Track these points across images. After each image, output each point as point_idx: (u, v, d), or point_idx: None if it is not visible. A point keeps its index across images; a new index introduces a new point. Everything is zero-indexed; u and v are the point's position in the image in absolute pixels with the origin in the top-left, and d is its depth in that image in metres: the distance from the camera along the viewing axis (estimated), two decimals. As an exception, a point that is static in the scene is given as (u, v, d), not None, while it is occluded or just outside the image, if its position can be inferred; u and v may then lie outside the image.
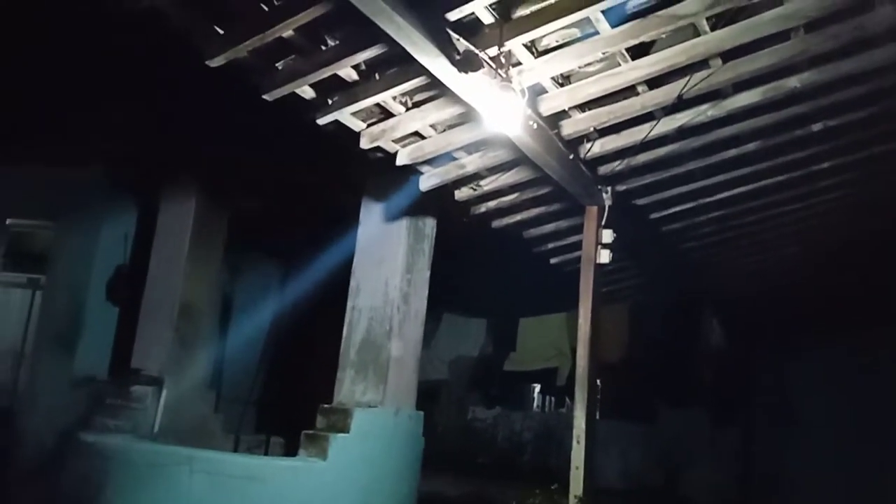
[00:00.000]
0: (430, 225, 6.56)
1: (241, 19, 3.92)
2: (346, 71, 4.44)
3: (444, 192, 5.93)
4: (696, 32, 4.19)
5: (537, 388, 10.05)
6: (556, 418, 9.50)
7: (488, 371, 10.30)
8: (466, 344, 10.45)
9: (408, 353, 6.35)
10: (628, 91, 4.74)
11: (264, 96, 4.50)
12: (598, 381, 6.34)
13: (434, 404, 9.18)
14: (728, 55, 4.40)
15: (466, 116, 4.92)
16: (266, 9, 3.87)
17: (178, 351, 6.97)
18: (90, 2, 3.69)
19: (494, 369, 10.19)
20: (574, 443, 5.61)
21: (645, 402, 9.59)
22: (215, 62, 4.10)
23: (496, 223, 6.73)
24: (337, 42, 4.24)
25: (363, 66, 4.47)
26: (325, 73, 4.35)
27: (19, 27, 5.26)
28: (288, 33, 4.02)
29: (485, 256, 7.81)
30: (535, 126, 4.75)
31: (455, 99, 4.55)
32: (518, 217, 6.69)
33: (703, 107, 4.97)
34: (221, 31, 4.00)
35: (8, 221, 8.23)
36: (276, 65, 4.42)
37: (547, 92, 4.74)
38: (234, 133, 6.51)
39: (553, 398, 9.96)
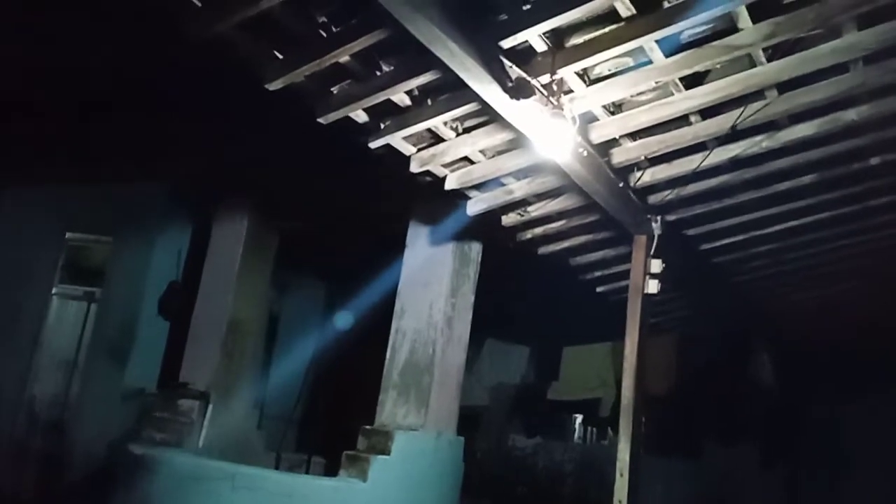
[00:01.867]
0: (475, 250, 6.59)
1: (299, 45, 4.03)
2: (400, 96, 4.52)
3: (491, 217, 5.94)
4: (752, 63, 4.15)
5: (579, 418, 9.89)
6: (598, 450, 9.32)
7: (530, 399, 10.20)
8: (508, 371, 10.39)
9: (450, 378, 6.36)
10: (681, 120, 4.71)
11: (319, 119, 4.60)
12: (643, 414, 6.23)
13: (474, 430, 9.10)
14: (784, 86, 4.35)
15: (516, 143, 4.94)
16: (324, 35, 3.97)
17: (225, 367, 7.09)
18: (160, 27, 3.83)
19: (536, 397, 10.08)
20: (617, 476, 5.50)
21: (691, 438, 9.36)
22: (274, 86, 4.21)
23: (542, 250, 6.70)
24: (391, 68, 4.32)
25: (416, 92, 4.54)
26: (378, 97, 4.43)
27: (85, 46, 5.47)
28: (344, 59, 4.11)
29: (530, 283, 7.78)
30: (585, 153, 4.75)
31: (505, 125, 4.59)
32: (565, 244, 6.66)
33: (758, 138, 4.90)
34: (281, 57, 4.11)
35: (66, 235, 8.52)
36: (332, 89, 4.52)
37: (598, 120, 4.74)
38: (287, 155, 6.65)
39: (595, 429, 9.78)
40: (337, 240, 8.14)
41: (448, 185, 5.46)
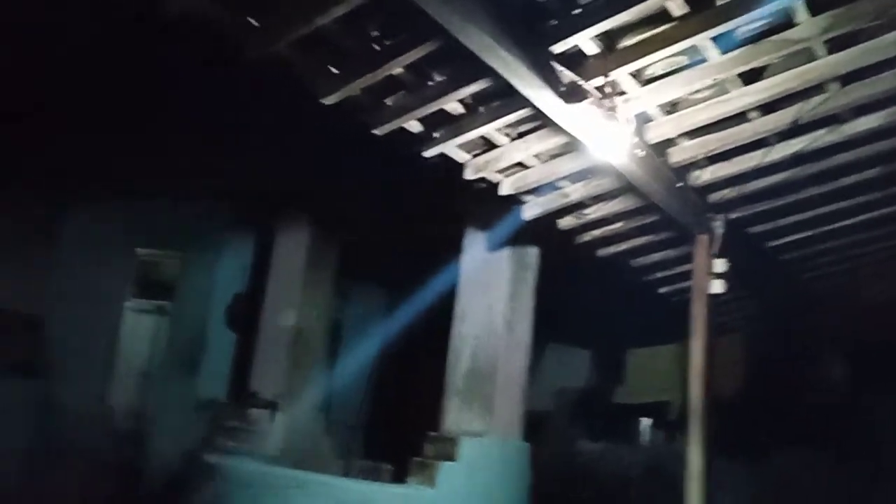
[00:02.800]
0: (533, 254, 6.57)
1: (353, 60, 4.12)
2: (452, 105, 4.56)
3: (547, 221, 5.93)
4: (811, 56, 4.04)
5: (645, 421, 9.73)
6: (666, 454, 9.16)
7: (594, 403, 10.08)
8: (571, 375, 10.30)
9: (513, 383, 6.35)
10: (739, 117, 4.62)
11: (374, 131, 4.69)
12: (712, 417, 6.11)
13: (539, 435, 9.07)
14: (846, 79, 4.22)
15: (571, 146, 4.93)
16: (377, 48, 4.05)
17: (293, 375, 7.25)
18: (219, 48, 3.97)
19: (600, 401, 9.97)
20: (687, 481, 5.41)
21: (759, 440, 9.10)
22: (329, 101, 4.31)
23: (601, 252, 6.65)
24: (443, 77, 4.37)
25: (468, 100, 4.58)
26: (431, 107, 4.49)
27: (150, 69, 5.70)
28: (397, 71, 4.18)
29: (590, 286, 7.70)
30: (642, 154, 4.70)
31: (559, 129, 4.58)
32: (624, 246, 6.59)
33: (820, 132, 4.77)
34: (335, 72, 4.21)
35: (138, 252, 8.85)
36: (385, 101, 4.60)
37: (653, 120, 4.70)
38: (344, 167, 6.78)
39: (662, 433, 9.61)
40: (395, 247, 8.24)
41: (503, 191, 5.48)
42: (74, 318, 8.63)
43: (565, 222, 6.03)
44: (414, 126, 4.75)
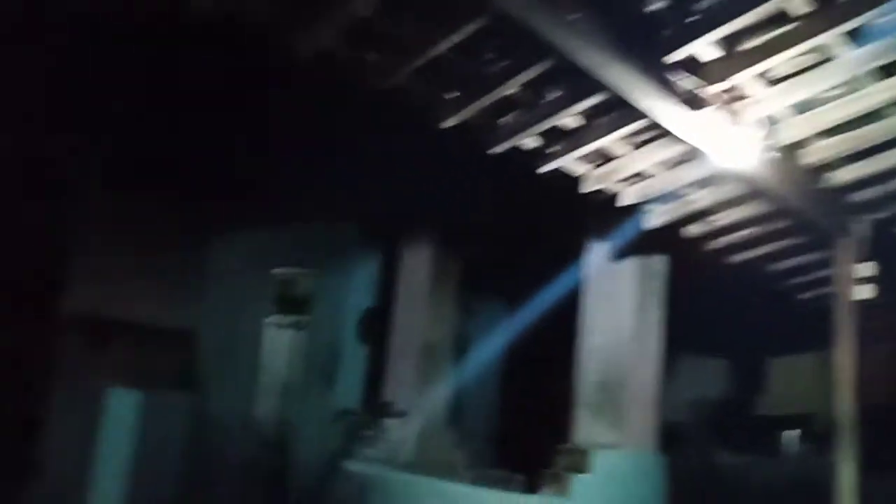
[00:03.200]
0: (659, 263, 6.40)
1: (468, 84, 4.22)
2: (568, 120, 4.56)
3: (673, 229, 5.78)
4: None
5: (789, 433, 9.20)
6: (813, 468, 8.62)
7: (732, 414, 9.64)
8: (707, 385, 9.90)
9: (645, 394, 6.23)
10: (877, 114, 4.32)
11: (490, 151, 4.77)
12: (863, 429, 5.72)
13: (674, 448, 8.79)
14: None
15: (694, 153, 4.79)
16: (491, 71, 4.13)
17: (423, 386, 7.44)
18: (341, 80, 4.19)
19: (740, 412, 9.52)
20: (837, 497, 5.09)
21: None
22: (448, 124, 4.44)
23: (733, 259, 6.38)
24: (558, 94, 4.38)
25: (584, 114, 4.56)
26: (546, 124, 4.51)
27: (286, 100, 6.09)
28: (511, 91, 4.24)
29: (722, 294, 7.40)
30: (772, 158, 4.50)
31: (680, 137, 4.48)
32: (758, 252, 6.29)
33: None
34: (452, 96, 4.33)
35: (275, 271, 9.38)
36: (500, 121, 4.67)
37: (782, 121, 4.48)
38: (463, 184, 6.90)
39: (808, 445, 9.04)
40: (515, 261, 8.28)
41: (624, 201, 5.41)
42: (221, 333, 9.29)
43: (692, 230, 5.85)
44: (530, 143, 4.79)
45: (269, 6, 3.53)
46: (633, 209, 5.52)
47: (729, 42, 3.83)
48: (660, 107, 3.98)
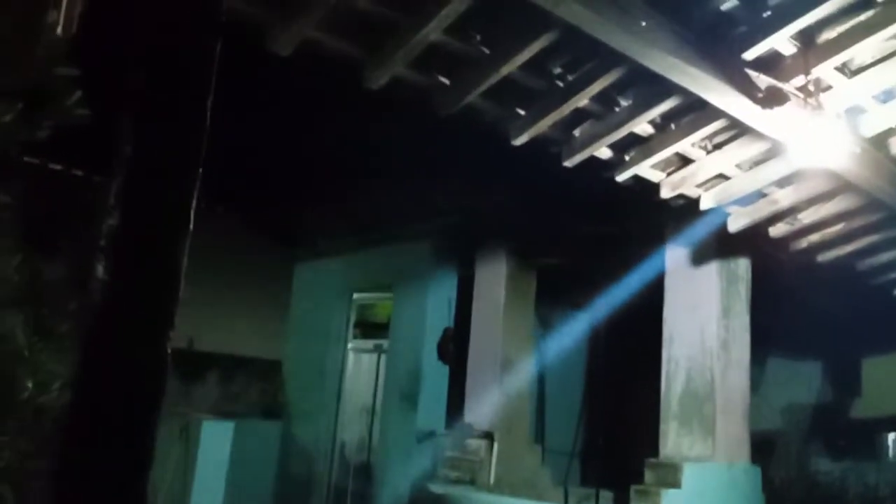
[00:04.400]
0: (743, 266, 6.24)
1: (539, 99, 4.22)
2: (642, 127, 4.51)
3: (756, 230, 5.61)
4: None
5: (890, 435, 8.74)
6: (923, 472, 8.17)
7: (829, 418, 9.23)
8: (799, 389, 9.51)
9: (734, 403, 6.04)
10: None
11: (564, 163, 4.74)
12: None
13: (768, 457, 8.47)
14: None
15: (774, 151, 4.66)
16: (561, 85, 4.12)
17: (504, 405, 7.41)
18: (414, 104, 4.26)
19: (837, 416, 9.10)
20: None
21: None
22: (519, 141, 4.44)
23: (821, 257, 6.14)
24: (631, 101, 4.34)
25: (658, 120, 4.50)
26: (621, 132, 4.47)
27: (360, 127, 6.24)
28: (583, 103, 4.22)
29: (813, 294, 7.13)
30: (859, 150, 4.33)
31: (760, 135, 4.37)
32: (848, 248, 6.04)
33: None
34: (523, 113, 4.33)
35: (354, 296, 9.55)
36: (574, 132, 4.64)
37: (867, 111, 4.31)
38: (536, 196, 6.89)
39: (916, 448, 8.57)
40: (592, 271, 8.18)
41: (704, 205, 5.28)
42: (305, 360, 9.50)
43: (777, 230, 5.66)
44: (604, 152, 4.74)
45: (345, 39, 3.61)
46: (713, 212, 5.39)
47: (807, 34, 3.72)
48: (739, 105, 3.89)
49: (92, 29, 2.10)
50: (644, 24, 3.33)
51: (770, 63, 3.88)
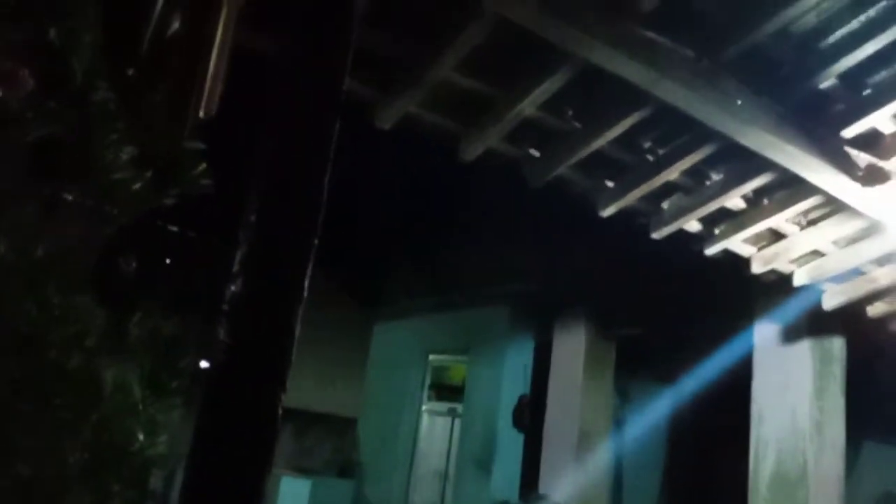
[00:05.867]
0: (838, 345, 5.98)
1: (628, 172, 4.26)
2: (734, 201, 4.47)
3: (853, 309, 5.40)
4: None
5: None
6: None
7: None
8: (897, 478, 8.93)
9: (828, 490, 5.72)
10: None
11: (652, 235, 4.73)
12: None
13: (865, 549, 7.94)
14: None
15: (873, 229, 4.52)
16: (651, 158, 4.15)
17: (581, 478, 7.22)
18: (503, 174, 4.37)
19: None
20: None
21: None
22: (607, 212, 4.47)
23: (923, 339, 5.84)
24: (721, 176, 4.33)
25: (750, 194, 4.46)
26: (711, 206, 4.44)
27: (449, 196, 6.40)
28: (673, 176, 4.23)
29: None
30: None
31: (858, 213, 4.26)
32: (951, 330, 5.74)
33: None
34: (611, 185, 4.38)
35: (429, 358, 9.60)
36: (662, 205, 4.64)
37: (976, 190, 4.16)
38: (618, 266, 6.85)
39: None
40: (675, 343, 8.00)
41: (798, 281, 5.14)
42: (380, 419, 9.53)
43: (875, 309, 5.44)
44: (693, 226, 4.71)
45: (443, 115, 3.77)
46: (807, 289, 5.24)
47: (909, 113, 3.66)
48: (836, 183, 3.83)
49: (227, 108, 2.28)
50: (740, 102, 3.35)
51: (870, 141, 3.82)
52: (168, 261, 2.55)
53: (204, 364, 2.35)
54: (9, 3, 1.70)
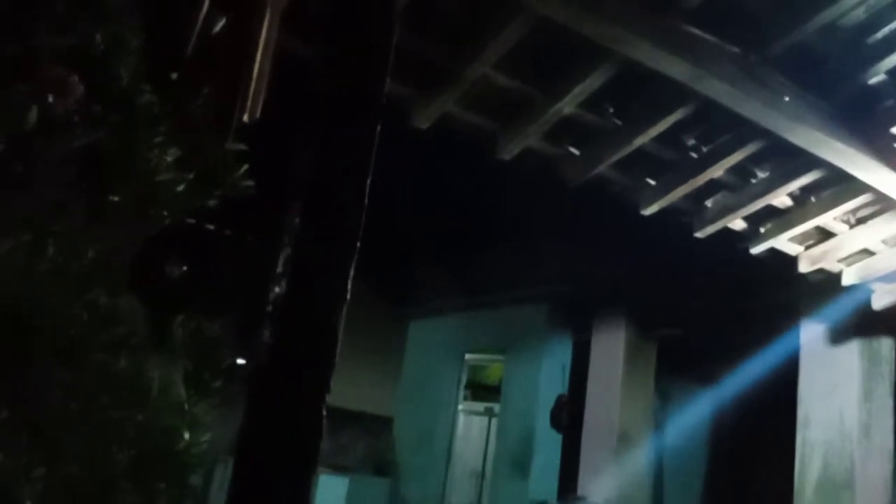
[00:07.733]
0: (887, 346, 5.81)
1: (671, 170, 4.19)
2: (780, 199, 4.37)
3: (902, 309, 5.25)
4: None
5: None
6: None
7: None
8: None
9: (875, 494, 5.57)
10: None
11: (696, 234, 4.65)
12: None
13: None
14: None
15: (925, 227, 4.39)
16: (695, 156, 4.07)
17: (620, 480, 7.14)
18: (541, 174, 4.33)
19: None
20: None
21: None
22: (648, 211, 4.40)
23: (976, 340, 5.65)
24: (767, 174, 4.23)
25: (797, 192, 4.35)
26: (757, 204, 4.35)
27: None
28: (717, 174, 4.15)
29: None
30: None
31: (911, 211, 4.14)
32: None
33: None
34: (653, 183, 4.31)
35: (466, 357, 9.57)
36: (706, 203, 4.56)
37: None
38: (660, 265, 6.75)
39: None
40: (718, 344, 7.86)
41: (846, 281, 5.02)
42: (416, 418, 9.54)
43: (925, 310, 5.28)
44: (738, 224, 4.62)
45: (480, 114, 3.75)
46: (855, 289, 5.10)
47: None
48: (886, 180, 3.72)
49: (270, 111, 2.28)
50: (787, 99, 3.26)
51: (923, 136, 3.69)
52: (210, 262, 2.56)
53: (241, 362, 2.37)
54: (57, 10, 1.72)
